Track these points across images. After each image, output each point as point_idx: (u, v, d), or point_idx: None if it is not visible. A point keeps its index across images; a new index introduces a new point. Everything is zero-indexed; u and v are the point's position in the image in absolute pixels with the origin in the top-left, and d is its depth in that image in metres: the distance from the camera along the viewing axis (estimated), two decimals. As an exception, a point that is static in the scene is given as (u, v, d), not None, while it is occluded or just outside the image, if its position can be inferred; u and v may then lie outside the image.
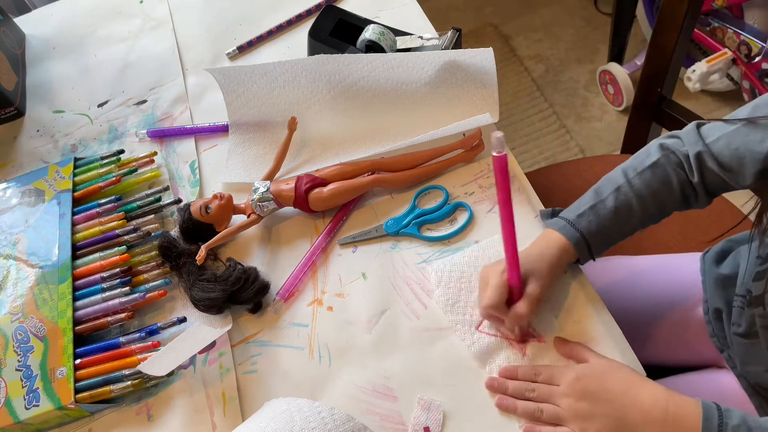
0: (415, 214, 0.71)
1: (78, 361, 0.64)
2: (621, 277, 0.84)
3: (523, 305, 0.59)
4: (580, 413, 0.55)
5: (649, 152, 0.64)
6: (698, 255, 0.78)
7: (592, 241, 0.62)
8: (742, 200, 0.66)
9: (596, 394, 0.55)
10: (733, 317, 0.67)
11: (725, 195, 0.95)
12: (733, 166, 0.60)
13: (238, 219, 0.73)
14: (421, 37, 0.80)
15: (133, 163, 0.80)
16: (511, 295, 0.60)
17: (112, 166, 0.79)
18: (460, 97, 0.75)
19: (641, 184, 0.63)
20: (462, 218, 0.71)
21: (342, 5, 0.93)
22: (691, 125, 0.63)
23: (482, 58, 0.73)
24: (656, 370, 0.73)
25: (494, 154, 0.49)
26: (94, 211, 0.75)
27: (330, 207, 0.73)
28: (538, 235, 0.65)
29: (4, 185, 0.80)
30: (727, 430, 0.50)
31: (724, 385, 0.72)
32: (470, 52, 0.73)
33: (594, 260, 0.64)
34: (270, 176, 0.75)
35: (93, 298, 0.68)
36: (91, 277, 0.70)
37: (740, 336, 0.66)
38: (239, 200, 0.74)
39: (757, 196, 0.59)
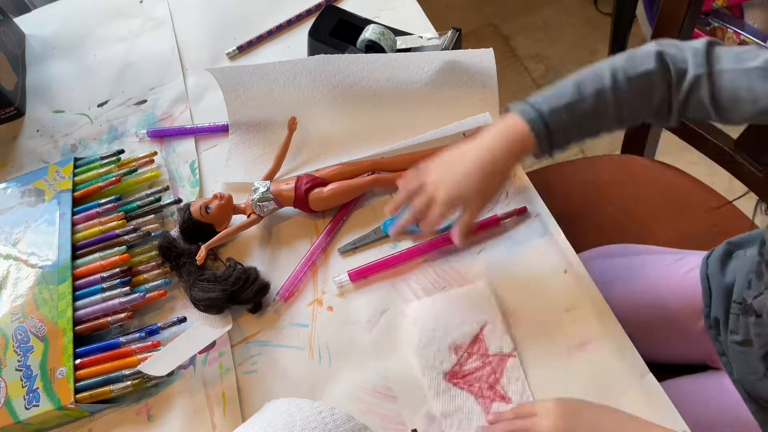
0: (412, 211, 0.71)
1: (78, 361, 0.64)
2: (620, 271, 0.83)
3: (462, 223, 0.59)
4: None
5: (646, 58, 0.59)
6: (701, 255, 0.77)
7: (557, 139, 0.59)
8: (740, 194, 0.65)
9: (575, 415, 0.55)
10: (730, 325, 0.67)
11: (724, 194, 0.96)
12: (725, 105, 0.56)
13: (238, 219, 0.73)
14: (421, 37, 0.80)
15: (133, 163, 0.79)
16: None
17: (112, 166, 0.79)
18: (461, 97, 0.75)
19: (626, 91, 0.58)
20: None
21: (342, 5, 0.93)
22: (703, 44, 0.58)
23: (482, 58, 0.73)
24: (651, 367, 0.74)
25: None
26: (94, 211, 0.75)
27: (330, 207, 0.73)
28: (538, 241, 0.66)
29: (4, 185, 0.80)
30: None
31: (723, 386, 0.72)
32: (470, 52, 0.73)
33: (552, 156, 0.62)
34: (270, 176, 0.75)
35: (93, 298, 0.68)
36: (91, 277, 0.70)
37: (737, 344, 0.66)
38: (239, 200, 0.73)
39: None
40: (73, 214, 0.75)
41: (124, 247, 0.71)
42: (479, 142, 0.60)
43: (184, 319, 0.67)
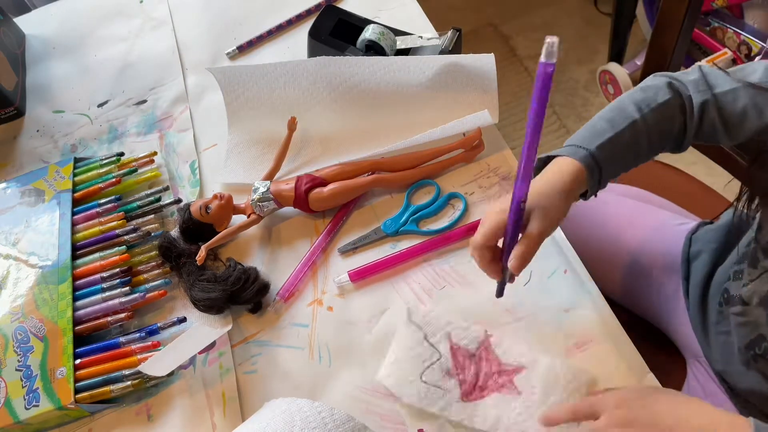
0: (411, 210, 0.72)
1: (78, 361, 0.64)
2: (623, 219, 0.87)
3: (519, 248, 0.54)
4: None
5: (659, 89, 0.62)
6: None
7: (605, 173, 0.60)
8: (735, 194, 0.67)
9: (641, 418, 0.51)
10: (712, 317, 0.69)
11: (724, 195, 0.96)
12: (734, 122, 0.60)
13: (238, 219, 0.73)
14: (421, 37, 0.80)
15: (133, 163, 0.79)
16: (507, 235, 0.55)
17: (112, 166, 0.79)
18: (461, 102, 0.75)
19: (653, 121, 0.61)
20: (459, 206, 0.71)
21: (342, 5, 0.93)
22: (696, 71, 0.62)
23: (483, 63, 0.73)
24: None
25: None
26: (94, 211, 0.75)
27: (330, 207, 0.73)
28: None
29: (4, 185, 0.80)
30: None
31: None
32: (471, 57, 0.73)
33: (596, 196, 0.62)
34: (270, 176, 0.75)
35: (93, 298, 0.68)
36: (91, 277, 0.70)
37: (721, 334, 0.68)
38: (239, 200, 0.74)
39: (746, 185, 0.60)
40: (73, 214, 0.75)
41: (124, 247, 0.71)
42: None
43: (184, 319, 0.67)
